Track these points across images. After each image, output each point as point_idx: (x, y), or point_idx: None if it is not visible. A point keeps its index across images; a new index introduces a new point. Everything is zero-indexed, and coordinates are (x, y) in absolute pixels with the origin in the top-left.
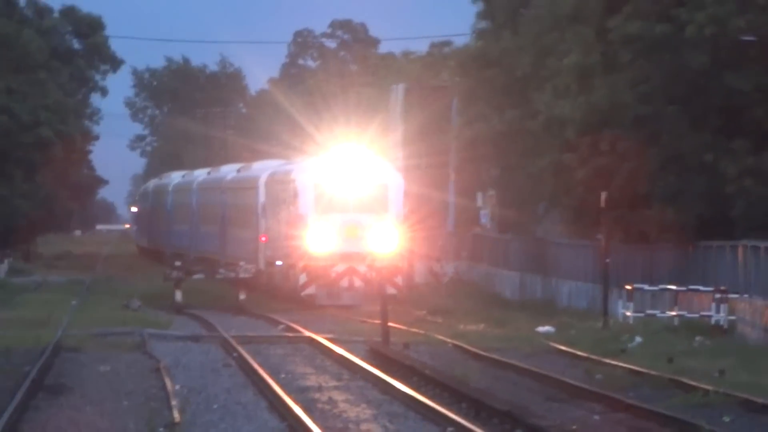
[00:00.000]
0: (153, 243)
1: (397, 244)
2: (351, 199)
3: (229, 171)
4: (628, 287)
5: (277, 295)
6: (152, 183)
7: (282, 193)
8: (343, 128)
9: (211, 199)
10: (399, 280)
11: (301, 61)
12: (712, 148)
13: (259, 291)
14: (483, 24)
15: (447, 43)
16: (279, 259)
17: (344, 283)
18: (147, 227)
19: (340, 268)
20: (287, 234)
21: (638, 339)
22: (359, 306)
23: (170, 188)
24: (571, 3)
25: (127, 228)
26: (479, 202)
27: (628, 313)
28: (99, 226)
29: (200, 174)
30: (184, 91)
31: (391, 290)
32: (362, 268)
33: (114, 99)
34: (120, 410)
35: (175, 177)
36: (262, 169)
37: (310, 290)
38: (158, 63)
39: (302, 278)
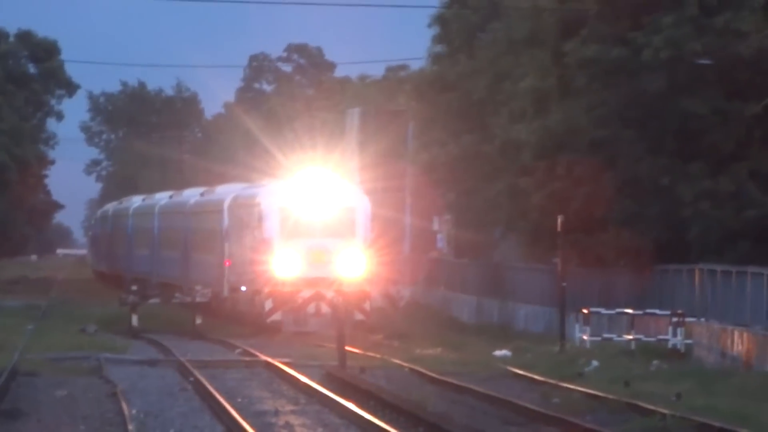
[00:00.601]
0: (112, 268)
1: (365, 269)
2: (317, 223)
3: (192, 194)
4: (585, 311)
5: (242, 321)
6: (111, 207)
7: (247, 217)
8: (302, 151)
9: (173, 223)
10: (367, 305)
11: (256, 85)
12: (669, 171)
13: (223, 317)
14: (439, 48)
15: (403, 67)
16: (244, 285)
17: (311, 309)
18: (106, 252)
19: (307, 293)
20: (252, 259)
21: (595, 363)
22: (326, 332)
23: (130, 212)
24: (527, 27)
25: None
26: (436, 226)
27: (585, 337)
28: (59, 251)
29: (162, 198)
30: (140, 115)
31: (359, 316)
32: (329, 294)
33: (69, 123)
34: None
35: (136, 201)
36: (227, 192)
37: (276, 316)
38: (114, 87)
39: (268, 304)
